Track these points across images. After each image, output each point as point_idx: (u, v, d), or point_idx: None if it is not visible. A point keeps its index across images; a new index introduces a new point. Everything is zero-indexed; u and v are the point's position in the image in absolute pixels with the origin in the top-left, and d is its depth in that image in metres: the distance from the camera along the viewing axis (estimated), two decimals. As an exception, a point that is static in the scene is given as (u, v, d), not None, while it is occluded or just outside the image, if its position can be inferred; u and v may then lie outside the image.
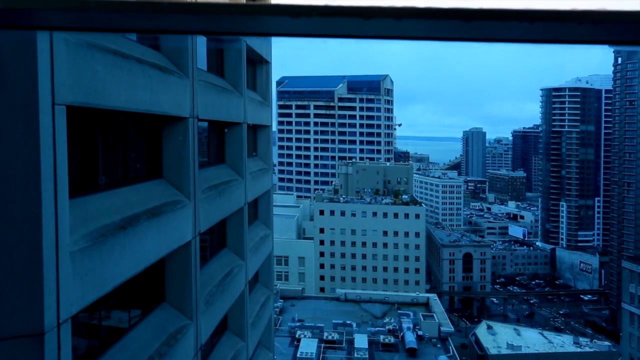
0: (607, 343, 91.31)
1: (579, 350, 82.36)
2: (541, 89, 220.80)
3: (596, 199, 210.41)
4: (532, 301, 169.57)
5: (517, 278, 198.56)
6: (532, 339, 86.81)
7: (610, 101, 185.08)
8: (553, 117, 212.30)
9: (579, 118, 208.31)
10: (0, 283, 5.83)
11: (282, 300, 66.93)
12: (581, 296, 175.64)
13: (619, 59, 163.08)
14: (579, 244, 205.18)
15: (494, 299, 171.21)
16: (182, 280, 11.30)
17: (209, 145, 15.39)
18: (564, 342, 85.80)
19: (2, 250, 5.84)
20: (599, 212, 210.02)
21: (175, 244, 10.54)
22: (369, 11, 1.22)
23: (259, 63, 21.70)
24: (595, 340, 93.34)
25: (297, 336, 56.13)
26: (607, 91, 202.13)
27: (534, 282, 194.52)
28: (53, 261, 6.21)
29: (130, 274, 8.41)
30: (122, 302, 9.37)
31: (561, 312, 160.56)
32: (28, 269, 5.97)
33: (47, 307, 6.08)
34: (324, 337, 55.57)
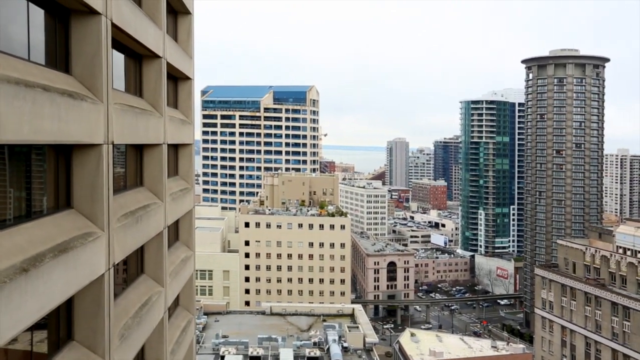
0: (521, 346, 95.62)
1: (496, 354, 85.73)
2: (460, 101, 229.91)
3: (511, 207, 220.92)
4: (452, 307, 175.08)
5: (439, 285, 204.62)
6: (453, 345, 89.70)
7: (523, 114, 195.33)
8: (471, 129, 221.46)
9: (495, 130, 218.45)
10: None
11: (205, 316, 65.49)
12: (498, 301, 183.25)
13: (530, 75, 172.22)
14: (496, 251, 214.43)
15: (417, 307, 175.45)
16: (94, 317, 10.64)
17: (126, 168, 14.70)
18: (482, 347, 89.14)
19: None
20: (514, 220, 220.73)
21: (85, 280, 9.90)
22: None
23: (180, 80, 21.12)
24: (511, 344, 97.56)
25: (221, 353, 55.02)
26: (520, 104, 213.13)
27: (454, 289, 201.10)
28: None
29: (32, 320, 7.79)
30: (21, 345, 8.66)
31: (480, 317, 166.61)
32: None
33: None
34: (249, 353, 54.79)
